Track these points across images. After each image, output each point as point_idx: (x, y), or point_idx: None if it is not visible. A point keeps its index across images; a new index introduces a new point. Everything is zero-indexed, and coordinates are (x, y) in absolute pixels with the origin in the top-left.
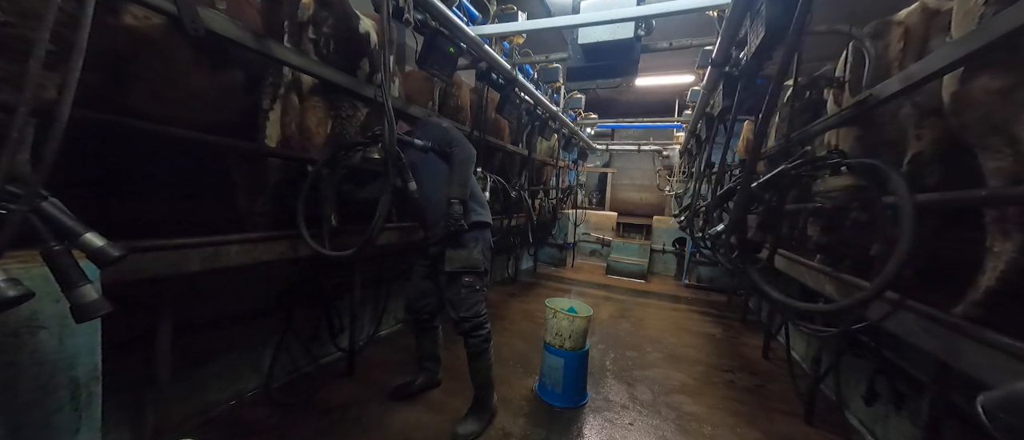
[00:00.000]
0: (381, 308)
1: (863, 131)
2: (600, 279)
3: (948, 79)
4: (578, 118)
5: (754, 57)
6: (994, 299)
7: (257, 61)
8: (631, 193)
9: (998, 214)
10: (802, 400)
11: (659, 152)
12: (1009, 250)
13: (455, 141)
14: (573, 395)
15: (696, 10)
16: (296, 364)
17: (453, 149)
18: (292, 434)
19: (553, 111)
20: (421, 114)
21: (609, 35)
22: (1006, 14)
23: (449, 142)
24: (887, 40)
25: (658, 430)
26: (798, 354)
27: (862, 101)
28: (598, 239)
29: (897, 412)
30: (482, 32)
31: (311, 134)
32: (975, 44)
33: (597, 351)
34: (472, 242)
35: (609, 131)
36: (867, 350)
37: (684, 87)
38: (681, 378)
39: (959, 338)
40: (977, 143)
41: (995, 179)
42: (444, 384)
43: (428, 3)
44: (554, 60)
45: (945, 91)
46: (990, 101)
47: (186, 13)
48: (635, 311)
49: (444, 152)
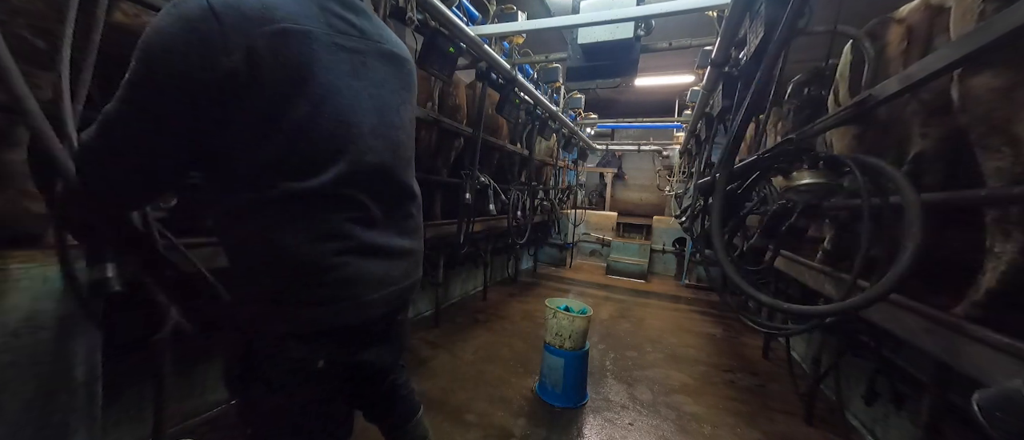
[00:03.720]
0: None
1: (862, 131)
2: (600, 279)
3: (955, 76)
4: (578, 118)
5: (754, 57)
6: (994, 299)
7: None
8: (631, 193)
9: (999, 214)
10: (802, 400)
11: (659, 152)
12: (1010, 250)
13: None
14: (573, 395)
15: (696, 10)
16: None
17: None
18: None
19: (553, 111)
20: (421, 114)
21: (609, 35)
22: (1006, 13)
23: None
24: (886, 39)
25: (658, 430)
26: (798, 354)
27: (861, 101)
28: (598, 239)
29: (897, 412)
30: (482, 32)
31: None
32: (974, 44)
33: (597, 351)
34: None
35: (609, 131)
36: (867, 350)
37: (684, 87)
38: (681, 378)
39: (959, 338)
40: (977, 142)
41: (996, 179)
42: (443, 384)
43: (428, 3)
44: (554, 60)
45: (954, 89)
46: (991, 100)
47: None
48: (635, 311)
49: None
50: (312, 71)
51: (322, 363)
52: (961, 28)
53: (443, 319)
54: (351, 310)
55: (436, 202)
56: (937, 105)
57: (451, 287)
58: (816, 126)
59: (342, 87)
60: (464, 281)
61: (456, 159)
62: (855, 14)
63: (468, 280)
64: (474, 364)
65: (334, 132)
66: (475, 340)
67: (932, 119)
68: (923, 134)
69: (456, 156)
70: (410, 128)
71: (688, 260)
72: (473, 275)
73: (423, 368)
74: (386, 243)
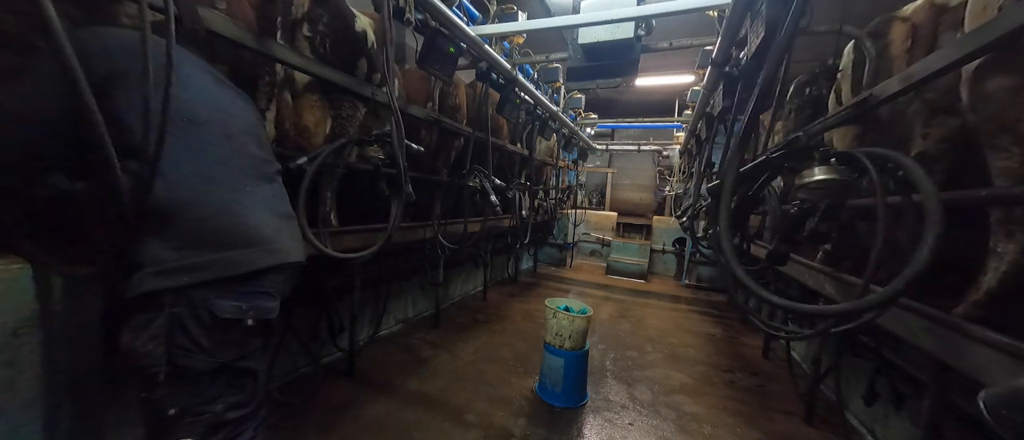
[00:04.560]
0: (381, 308)
1: (863, 130)
2: (600, 279)
3: (965, 74)
4: (578, 118)
5: (754, 57)
6: (995, 299)
7: (253, 59)
8: (631, 193)
9: (1003, 214)
10: (802, 400)
11: (659, 152)
12: (1012, 250)
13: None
14: (573, 395)
15: (696, 10)
16: (296, 364)
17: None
18: (292, 434)
19: (553, 111)
20: (421, 114)
21: (609, 35)
22: (1009, 11)
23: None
24: (889, 38)
25: (658, 430)
26: (798, 354)
27: (862, 101)
28: (598, 239)
29: (897, 412)
30: (482, 32)
31: (310, 134)
32: (977, 42)
33: (597, 351)
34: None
35: (609, 131)
36: (867, 350)
37: (684, 87)
38: (681, 378)
39: (959, 338)
40: (986, 142)
41: (1002, 179)
42: (443, 384)
43: (428, 3)
44: (554, 60)
45: (964, 88)
46: (1002, 99)
47: (186, 13)
48: (635, 311)
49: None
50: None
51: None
52: (978, 24)
53: (443, 319)
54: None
55: (437, 202)
56: (940, 105)
57: (451, 287)
58: (816, 126)
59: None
60: (464, 281)
61: (456, 159)
62: (855, 15)
63: (468, 280)
64: (474, 364)
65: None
66: (475, 340)
67: (934, 119)
68: (924, 134)
69: (456, 156)
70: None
71: (688, 260)
72: (473, 275)
73: (423, 368)
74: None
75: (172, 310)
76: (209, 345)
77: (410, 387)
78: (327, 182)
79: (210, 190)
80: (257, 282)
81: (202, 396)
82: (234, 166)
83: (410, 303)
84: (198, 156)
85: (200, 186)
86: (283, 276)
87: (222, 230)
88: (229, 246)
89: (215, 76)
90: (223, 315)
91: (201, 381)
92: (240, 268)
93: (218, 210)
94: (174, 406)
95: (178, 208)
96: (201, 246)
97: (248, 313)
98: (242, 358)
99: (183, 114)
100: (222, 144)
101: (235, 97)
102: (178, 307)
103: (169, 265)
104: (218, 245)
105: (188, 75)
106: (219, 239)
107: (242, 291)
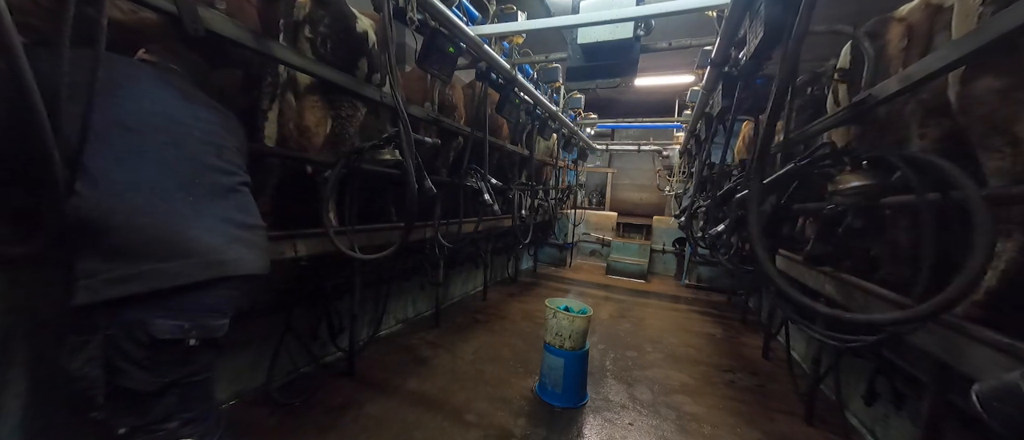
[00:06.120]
0: (381, 308)
1: (862, 130)
2: (600, 279)
3: (953, 78)
4: (578, 118)
5: (753, 57)
6: (995, 299)
7: (256, 60)
8: (631, 193)
9: (999, 214)
10: (802, 400)
11: (659, 152)
12: (1010, 250)
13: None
14: (573, 395)
15: (696, 10)
16: (296, 364)
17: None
18: (292, 434)
19: (553, 111)
20: (420, 113)
21: (608, 35)
22: (1004, 14)
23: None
24: (886, 38)
25: (658, 430)
26: (798, 354)
27: (861, 101)
28: (598, 239)
29: (897, 412)
30: (482, 32)
31: (311, 134)
32: (973, 45)
33: (597, 351)
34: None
35: (609, 131)
36: (867, 350)
37: (684, 87)
38: (681, 378)
39: (959, 338)
40: (978, 143)
41: (996, 178)
42: (443, 384)
43: (428, 3)
44: (554, 60)
45: (950, 90)
46: (991, 101)
47: (186, 13)
48: (635, 311)
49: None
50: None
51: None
52: (962, 29)
53: (443, 319)
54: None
55: (436, 202)
56: (935, 105)
57: (451, 287)
58: (815, 126)
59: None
60: (464, 281)
61: (455, 159)
62: (855, 15)
63: (468, 280)
64: (474, 364)
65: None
66: (475, 340)
67: (930, 119)
68: (921, 134)
69: (455, 156)
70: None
71: (688, 260)
72: (473, 275)
73: (423, 368)
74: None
75: (107, 333)
76: (150, 365)
77: (410, 387)
78: (350, 187)
79: (147, 199)
80: (199, 297)
81: (151, 415)
82: (181, 175)
83: (410, 303)
84: (135, 164)
85: (135, 195)
86: (236, 291)
87: (156, 241)
88: (162, 257)
89: (183, 91)
90: (162, 336)
91: (146, 401)
92: (173, 280)
93: (154, 220)
94: (123, 426)
95: (109, 216)
96: (133, 257)
97: (190, 333)
98: (190, 375)
99: (119, 122)
100: (164, 152)
101: (199, 110)
102: (112, 329)
103: (100, 276)
104: (149, 256)
105: (143, 90)
106: (152, 249)
107: (182, 308)
